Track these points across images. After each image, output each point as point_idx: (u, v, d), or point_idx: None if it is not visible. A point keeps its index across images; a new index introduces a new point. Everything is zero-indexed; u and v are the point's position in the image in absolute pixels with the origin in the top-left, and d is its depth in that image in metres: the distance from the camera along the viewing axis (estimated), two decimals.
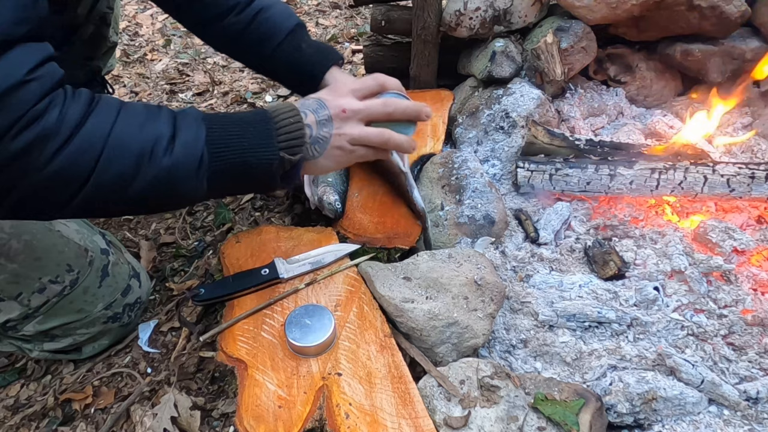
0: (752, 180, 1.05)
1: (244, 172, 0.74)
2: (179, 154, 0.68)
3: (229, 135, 0.73)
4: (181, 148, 0.68)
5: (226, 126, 0.73)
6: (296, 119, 0.77)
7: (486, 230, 1.04)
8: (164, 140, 0.67)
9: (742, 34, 1.28)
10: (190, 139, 0.69)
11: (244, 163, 0.73)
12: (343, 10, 2.30)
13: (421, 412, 0.75)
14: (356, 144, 0.83)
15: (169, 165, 0.67)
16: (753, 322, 0.90)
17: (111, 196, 0.67)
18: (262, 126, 0.75)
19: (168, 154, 0.67)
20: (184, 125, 0.70)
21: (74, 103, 0.64)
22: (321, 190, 1.06)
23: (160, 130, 0.68)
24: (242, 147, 0.73)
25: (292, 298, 0.91)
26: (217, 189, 0.75)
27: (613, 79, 1.37)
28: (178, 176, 0.68)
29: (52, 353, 0.97)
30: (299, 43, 1.03)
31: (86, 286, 0.91)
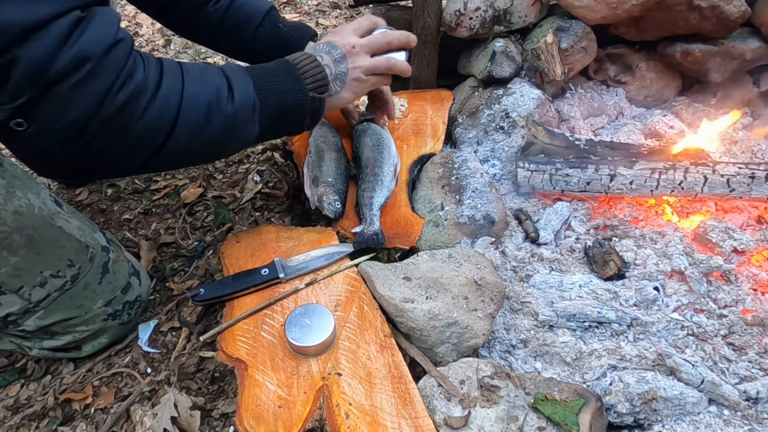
0: (752, 180, 1.05)
1: (284, 112, 0.86)
2: (238, 100, 0.79)
3: (268, 83, 0.85)
4: (239, 95, 0.79)
5: (264, 75, 0.85)
6: (316, 63, 0.90)
7: (486, 230, 1.04)
8: (224, 90, 0.78)
9: (742, 34, 1.28)
10: (243, 88, 0.80)
11: (283, 105, 0.85)
12: (343, 10, 2.30)
13: (421, 412, 0.75)
14: (369, 74, 1.00)
15: (233, 111, 0.78)
16: (753, 322, 0.90)
17: (188, 147, 0.77)
18: (290, 73, 0.87)
19: (230, 101, 0.78)
20: (233, 76, 0.80)
21: (149, 63, 0.73)
22: (321, 190, 1.06)
23: (219, 82, 0.78)
24: (279, 92, 0.85)
25: (292, 298, 0.91)
26: (265, 130, 0.86)
27: (613, 79, 1.37)
28: (239, 119, 0.80)
29: (51, 351, 0.97)
30: (276, 24, 1.12)
31: (87, 282, 0.91)
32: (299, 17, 2.25)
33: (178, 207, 1.34)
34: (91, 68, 0.64)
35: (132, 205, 1.36)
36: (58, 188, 1.41)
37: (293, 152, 1.25)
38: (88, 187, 1.40)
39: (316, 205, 1.07)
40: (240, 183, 1.40)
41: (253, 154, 1.50)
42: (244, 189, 1.38)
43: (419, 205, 1.11)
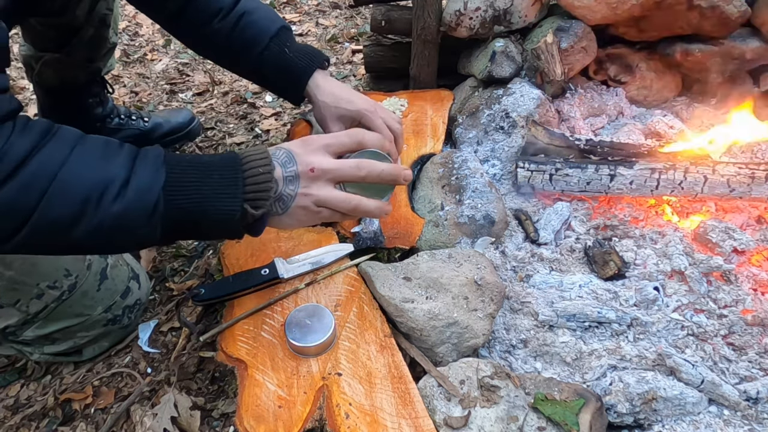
0: (752, 180, 1.05)
1: (203, 220, 0.69)
2: (131, 199, 0.64)
3: (189, 181, 0.68)
4: (133, 193, 0.64)
5: (187, 171, 0.69)
6: (266, 169, 0.72)
7: (486, 230, 1.04)
8: (116, 184, 0.64)
9: (742, 34, 1.28)
10: (145, 184, 0.65)
11: (202, 212, 0.69)
12: (343, 10, 2.30)
13: (421, 412, 0.75)
14: (321, 206, 0.77)
15: (119, 211, 0.64)
16: (753, 322, 0.90)
17: (53, 238, 0.64)
18: (229, 173, 0.70)
19: (119, 199, 0.64)
20: (141, 167, 0.66)
21: (22, 136, 0.61)
22: None
23: (114, 173, 0.64)
24: (202, 195, 0.68)
25: (292, 298, 0.91)
26: (173, 235, 0.72)
27: (613, 79, 1.37)
28: (127, 223, 0.65)
29: (52, 356, 0.97)
30: (283, 48, 1.01)
31: (85, 290, 0.91)
32: (299, 17, 2.25)
33: None
34: None
35: None
36: None
37: None
38: None
39: None
40: None
41: None
42: None
43: (419, 205, 1.11)
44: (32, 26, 1.17)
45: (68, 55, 1.20)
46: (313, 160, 0.76)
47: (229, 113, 1.70)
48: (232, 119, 1.67)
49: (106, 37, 1.26)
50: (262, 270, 0.93)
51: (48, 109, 1.32)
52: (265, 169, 0.72)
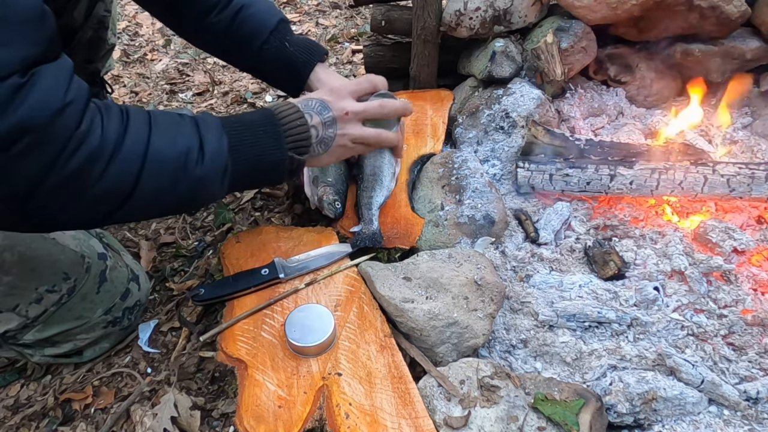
0: (752, 180, 1.05)
1: (257, 173, 0.80)
2: (208, 164, 0.73)
3: (244, 142, 0.77)
4: (209, 157, 0.73)
5: (241, 132, 0.78)
6: (302, 122, 0.83)
7: (486, 230, 1.04)
8: (195, 151, 0.71)
9: (742, 34, 1.28)
10: (216, 149, 0.74)
11: (257, 165, 0.79)
12: (343, 10, 2.30)
13: (421, 412, 0.75)
14: (356, 142, 0.92)
15: (201, 175, 0.72)
16: (753, 322, 0.90)
17: (150, 206, 0.72)
18: (272, 130, 0.80)
19: (199, 164, 0.72)
20: (207, 134, 0.74)
21: (110, 120, 0.66)
22: (321, 190, 1.06)
23: (190, 142, 0.72)
24: (256, 152, 0.78)
25: (292, 298, 0.91)
26: (234, 188, 0.81)
27: (613, 79, 1.37)
28: (207, 184, 0.74)
29: (53, 357, 0.97)
30: (283, 41, 1.04)
31: (84, 293, 0.90)
32: (299, 17, 2.25)
33: None
34: (33, 140, 0.57)
35: None
36: None
37: None
38: None
39: (316, 205, 1.07)
40: None
41: None
42: None
43: (419, 205, 1.11)
44: None
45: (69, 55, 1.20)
46: (345, 105, 0.89)
47: (229, 113, 1.70)
48: None
49: (105, 39, 1.26)
50: (262, 270, 0.93)
51: None
52: (300, 121, 0.83)
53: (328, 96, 0.89)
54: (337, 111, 0.88)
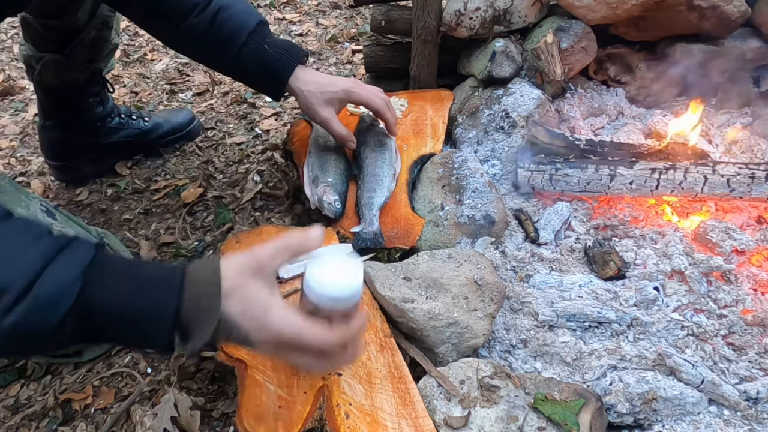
0: (752, 180, 1.05)
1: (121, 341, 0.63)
2: (28, 314, 0.52)
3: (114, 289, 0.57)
4: (33, 308, 0.52)
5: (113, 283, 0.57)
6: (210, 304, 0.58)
7: (486, 230, 1.04)
8: (9, 295, 0.52)
9: (742, 34, 1.28)
10: (50, 295, 0.53)
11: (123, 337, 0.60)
12: (343, 10, 2.30)
13: (421, 412, 0.75)
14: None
15: (11, 325, 0.52)
16: (753, 322, 0.90)
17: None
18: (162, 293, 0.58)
19: (10, 313, 0.52)
20: (53, 273, 0.54)
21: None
22: (321, 190, 1.06)
23: (11, 279, 0.52)
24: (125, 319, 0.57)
25: (292, 299, 0.91)
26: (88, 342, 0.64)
27: (613, 79, 1.37)
28: (23, 340, 0.55)
29: (53, 357, 0.97)
30: (262, 44, 1.00)
31: None
32: (299, 17, 2.25)
33: (178, 207, 1.34)
34: None
35: (132, 205, 1.36)
36: (58, 187, 1.41)
37: (293, 152, 1.25)
38: (88, 187, 1.40)
39: (316, 205, 1.07)
40: (240, 183, 1.40)
41: (253, 154, 1.50)
42: (244, 189, 1.38)
43: (419, 205, 1.11)
44: (33, 27, 1.17)
45: (68, 57, 1.20)
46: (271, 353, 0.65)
47: (229, 113, 1.70)
48: (232, 119, 1.67)
49: (108, 39, 1.26)
50: None
51: (48, 109, 1.32)
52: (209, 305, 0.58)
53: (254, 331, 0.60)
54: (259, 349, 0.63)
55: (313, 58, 1.99)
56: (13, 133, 1.63)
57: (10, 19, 2.17)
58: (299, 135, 1.27)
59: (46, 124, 1.33)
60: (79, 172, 1.40)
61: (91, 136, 1.36)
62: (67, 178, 1.41)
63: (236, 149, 1.53)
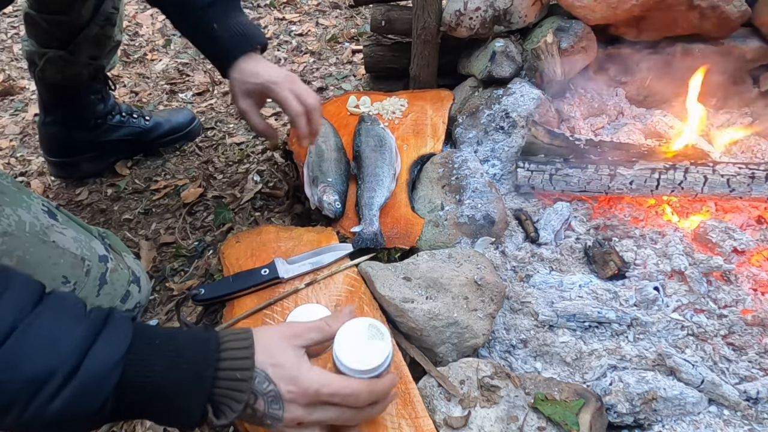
0: (752, 180, 1.05)
1: (156, 418, 0.61)
2: (71, 400, 0.51)
3: (152, 373, 0.55)
4: (77, 394, 0.51)
5: (153, 357, 0.56)
6: (244, 375, 0.59)
7: (486, 230, 1.04)
8: (55, 381, 0.50)
9: (742, 34, 1.28)
10: (94, 379, 0.52)
11: (159, 414, 0.59)
12: (343, 10, 2.30)
13: (421, 412, 0.75)
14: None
15: (55, 412, 0.51)
16: (753, 322, 0.90)
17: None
18: (199, 369, 0.58)
19: (56, 399, 0.51)
20: (97, 356, 0.53)
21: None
22: (321, 190, 1.06)
23: (56, 363, 0.51)
24: (162, 396, 0.56)
25: (292, 298, 0.91)
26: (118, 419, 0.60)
27: (613, 79, 1.37)
28: (63, 425, 0.53)
29: None
30: (211, 23, 0.95)
31: (84, 296, 0.88)
32: (299, 17, 2.25)
33: (178, 207, 1.34)
34: None
35: (132, 205, 1.36)
36: (58, 187, 1.41)
37: (293, 152, 1.25)
38: (88, 187, 1.40)
39: (316, 205, 1.07)
40: (240, 183, 1.40)
41: (253, 154, 1.50)
42: (244, 189, 1.37)
43: (419, 205, 1.11)
44: (36, 23, 1.17)
45: (72, 53, 1.20)
46: (301, 414, 0.62)
47: (229, 113, 1.70)
48: (232, 119, 1.67)
49: (111, 36, 1.26)
50: (262, 270, 0.93)
51: (49, 105, 1.32)
52: (242, 375, 0.58)
53: (285, 387, 0.61)
54: (288, 415, 0.61)
55: (313, 58, 1.99)
56: (13, 133, 1.63)
57: (10, 19, 2.17)
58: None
59: (47, 121, 1.33)
60: (78, 170, 1.40)
61: (91, 133, 1.36)
62: (66, 175, 1.41)
63: (236, 149, 1.53)
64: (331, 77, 1.87)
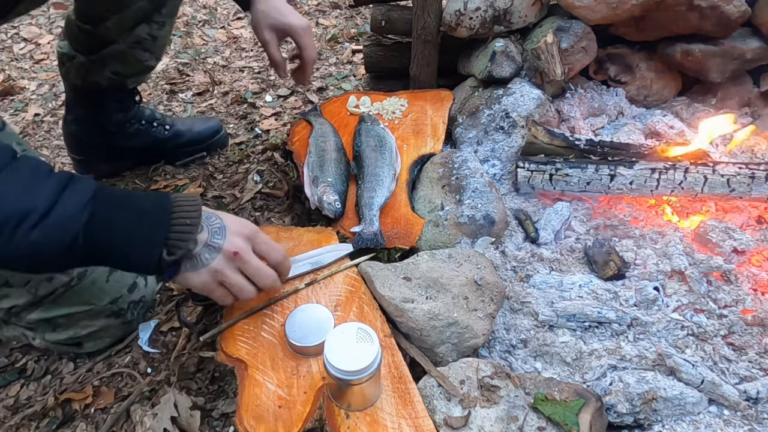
0: (752, 180, 1.05)
1: (119, 259, 0.73)
2: (49, 231, 0.64)
3: (114, 224, 0.69)
4: (53, 225, 0.64)
5: (116, 212, 0.70)
6: (193, 222, 0.73)
7: (486, 230, 1.04)
8: (36, 214, 0.63)
9: (742, 34, 1.28)
10: (67, 218, 0.65)
11: (122, 255, 0.72)
12: (343, 10, 2.30)
13: (421, 412, 0.75)
14: (222, 284, 0.78)
15: (35, 240, 0.64)
16: (753, 322, 0.90)
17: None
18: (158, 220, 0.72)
19: (36, 229, 0.63)
20: (68, 199, 0.66)
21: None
22: (321, 190, 1.06)
23: (34, 203, 0.64)
24: (125, 239, 0.70)
25: (292, 298, 0.91)
26: (89, 264, 0.77)
27: (613, 79, 1.37)
28: (41, 252, 0.65)
29: (53, 344, 0.97)
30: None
31: (94, 279, 0.92)
32: None
33: None
34: None
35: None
36: None
37: (293, 152, 1.25)
38: None
39: (316, 205, 1.07)
40: (240, 183, 1.40)
41: (253, 154, 1.50)
42: (244, 189, 1.37)
43: (419, 205, 1.11)
44: (71, 27, 1.20)
45: (93, 63, 1.23)
46: (241, 246, 0.78)
47: (229, 113, 1.70)
48: (232, 119, 1.67)
49: (140, 59, 1.26)
50: None
51: (71, 105, 1.35)
52: (192, 221, 0.73)
53: (233, 225, 0.79)
54: (229, 245, 0.77)
55: None
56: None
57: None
58: (299, 135, 1.27)
59: (68, 118, 1.37)
60: (95, 169, 1.41)
61: (107, 139, 1.37)
62: (86, 172, 1.41)
63: (236, 149, 1.53)
64: (331, 77, 1.87)
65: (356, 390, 0.73)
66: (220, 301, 0.81)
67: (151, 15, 1.20)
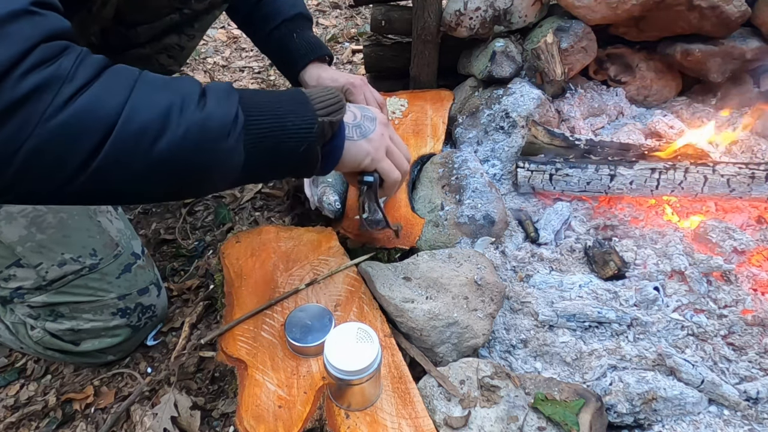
0: (752, 180, 1.05)
1: (281, 137, 0.67)
2: (212, 107, 0.60)
3: (261, 102, 0.67)
4: (214, 102, 0.61)
5: (258, 94, 0.69)
6: (335, 96, 0.73)
7: (486, 230, 1.04)
8: (195, 95, 0.60)
9: (742, 34, 1.28)
10: (222, 96, 0.62)
11: (281, 127, 0.67)
12: (343, 10, 2.30)
13: (421, 412, 0.75)
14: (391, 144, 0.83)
15: (203, 118, 0.59)
16: (753, 322, 0.90)
17: (134, 158, 0.55)
18: (298, 96, 0.71)
19: (200, 107, 0.59)
20: (212, 86, 0.64)
21: (87, 59, 0.56)
22: (321, 190, 1.06)
23: (189, 89, 0.61)
24: (276, 113, 0.67)
25: (292, 298, 0.91)
26: (256, 162, 0.66)
27: (613, 79, 1.37)
28: (212, 133, 0.60)
29: (51, 335, 0.94)
30: (292, 32, 1.13)
31: (105, 273, 0.92)
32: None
33: (178, 207, 1.34)
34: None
35: (132, 205, 1.36)
36: None
37: None
38: None
39: (316, 205, 1.07)
40: None
41: None
42: (244, 189, 1.38)
43: (419, 205, 1.11)
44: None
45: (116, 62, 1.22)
46: (386, 119, 0.84)
47: None
48: None
49: (164, 65, 1.28)
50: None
51: None
52: (334, 95, 0.73)
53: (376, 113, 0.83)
54: (380, 116, 0.82)
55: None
56: None
57: None
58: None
59: None
60: None
61: None
62: None
63: None
64: None
65: (356, 390, 0.73)
66: (387, 173, 0.82)
67: (183, 28, 1.23)
